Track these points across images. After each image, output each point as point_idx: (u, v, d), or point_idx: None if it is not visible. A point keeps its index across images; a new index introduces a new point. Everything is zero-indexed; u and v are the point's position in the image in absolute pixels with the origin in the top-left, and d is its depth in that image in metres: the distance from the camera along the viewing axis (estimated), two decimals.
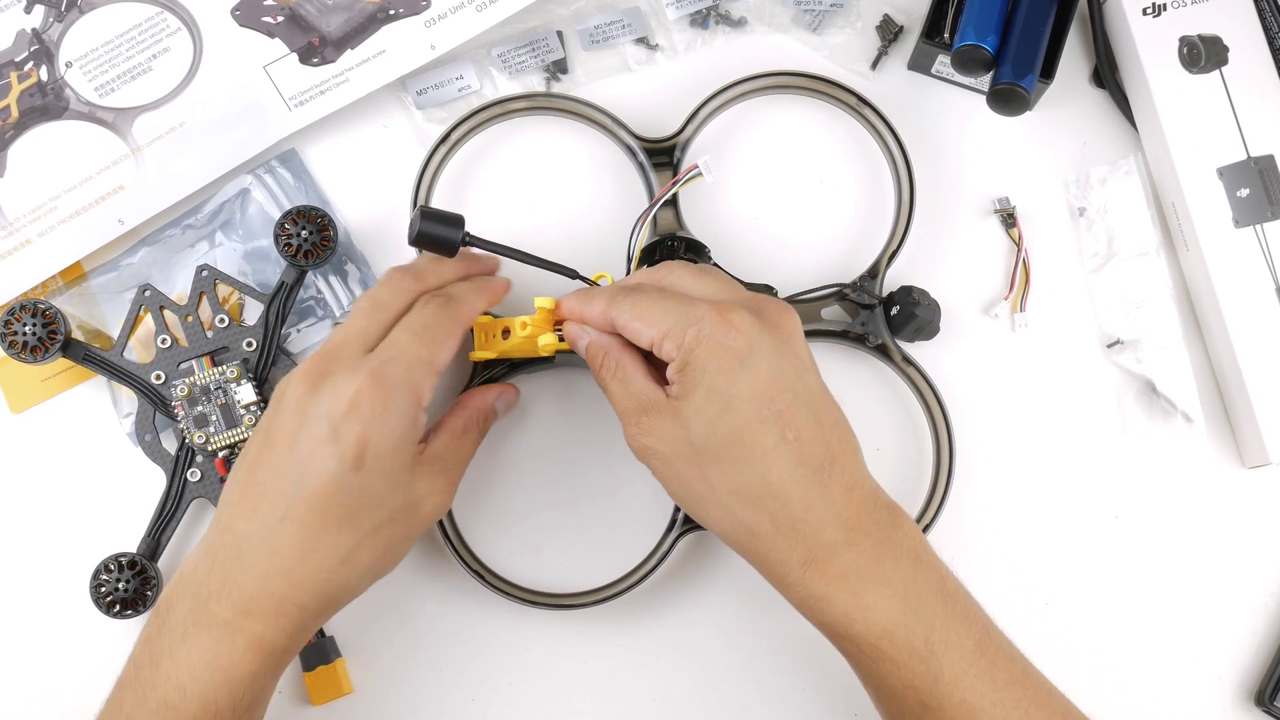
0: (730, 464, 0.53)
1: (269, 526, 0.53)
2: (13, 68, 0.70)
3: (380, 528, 0.55)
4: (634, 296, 0.56)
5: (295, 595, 0.53)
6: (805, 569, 0.53)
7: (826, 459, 0.53)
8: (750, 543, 0.54)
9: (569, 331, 0.60)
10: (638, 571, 0.64)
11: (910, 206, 0.67)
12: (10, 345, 0.64)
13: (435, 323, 0.57)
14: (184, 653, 0.53)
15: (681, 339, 0.53)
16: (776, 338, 0.54)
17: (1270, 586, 0.67)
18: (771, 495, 0.52)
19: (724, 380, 0.52)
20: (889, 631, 0.52)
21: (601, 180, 0.70)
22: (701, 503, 0.55)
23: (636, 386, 0.56)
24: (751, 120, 0.71)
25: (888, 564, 0.53)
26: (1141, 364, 0.68)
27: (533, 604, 0.63)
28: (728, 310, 0.53)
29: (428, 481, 0.56)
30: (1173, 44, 0.68)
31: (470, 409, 0.61)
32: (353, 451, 0.53)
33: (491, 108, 0.68)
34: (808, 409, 0.53)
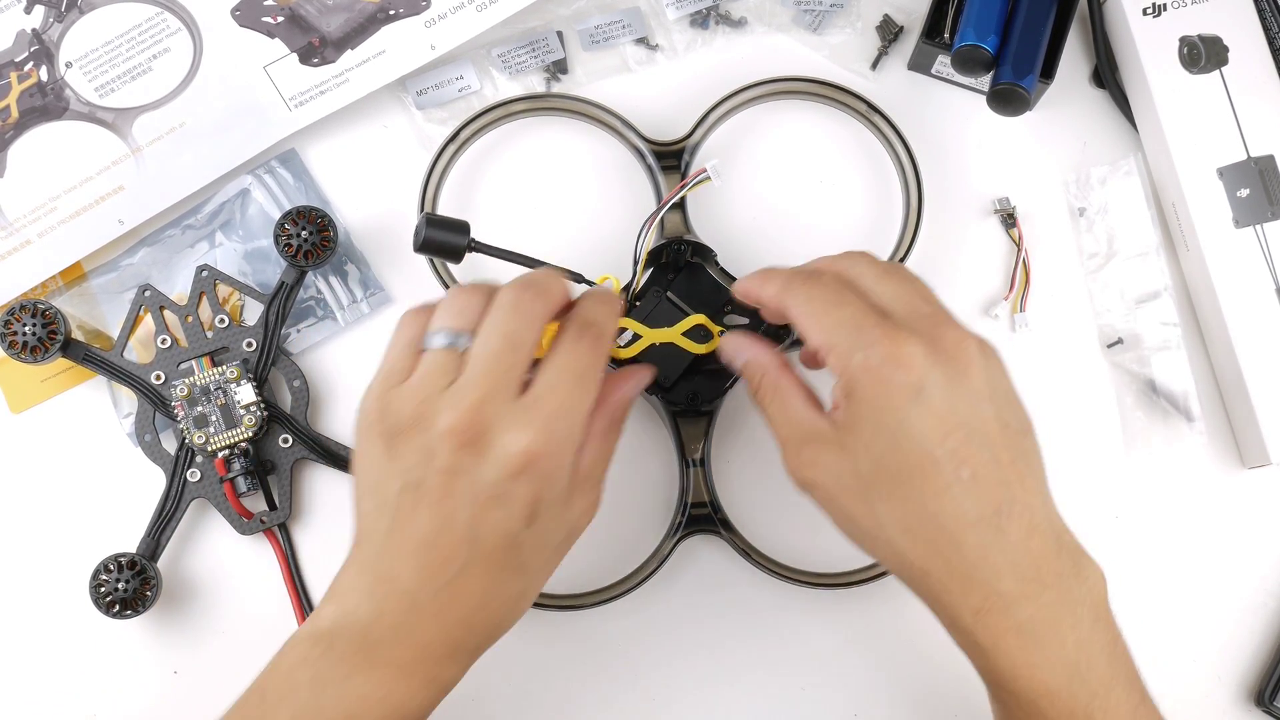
0: (900, 502, 0.50)
1: (444, 583, 0.51)
2: (13, 68, 0.70)
3: (548, 562, 0.54)
4: (810, 288, 0.53)
5: (472, 639, 0.53)
6: (976, 618, 0.50)
7: (1005, 500, 0.49)
8: (921, 583, 0.51)
9: (725, 347, 0.58)
10: (638, 575, 0.64)
11: (919, 213, 0.67)
12: (10, 345, 0.64)
13: (590, 363, 0.53)
14: (353, 686, 0.51)
15: (847, 361, 0.50)
16: (951, 370, 0.50)
17: (1270, 586, 0.67)
18: (944, 538, 0.49)
19: (891, 416, 0.49)
20: (1052, 693, 0.50)
21: (609, 182, 0.70)
22: (869, 539, 0.52)
23: (798, 414, 0.53)
24: (761, 124, 0.71)
25: (1065, 622, 0.50)
26: (1141, 364, 0.68)
27: (535, 605, 0.63)
28: (901, 340, 0.50)
29: (581, 502, 0.54)
30: (1173, 44, 0.68)
31: (612, 405, 0.56)
32: (526, 510, 0.51)
33: (499, 108, 0.68)
34: (984, 446, 0.50)
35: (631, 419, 0.67)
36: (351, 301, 0.69)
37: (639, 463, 0.67)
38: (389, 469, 0.52)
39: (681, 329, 0.64)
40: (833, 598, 0.66)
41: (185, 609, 0.66)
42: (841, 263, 0.55)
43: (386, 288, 0.69)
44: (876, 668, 0.65)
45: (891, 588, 0.65)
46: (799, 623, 0.66)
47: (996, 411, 0.51)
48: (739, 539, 0.64)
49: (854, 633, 0.66)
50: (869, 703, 0.65)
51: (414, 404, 0.52)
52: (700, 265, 0.66)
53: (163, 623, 0.66)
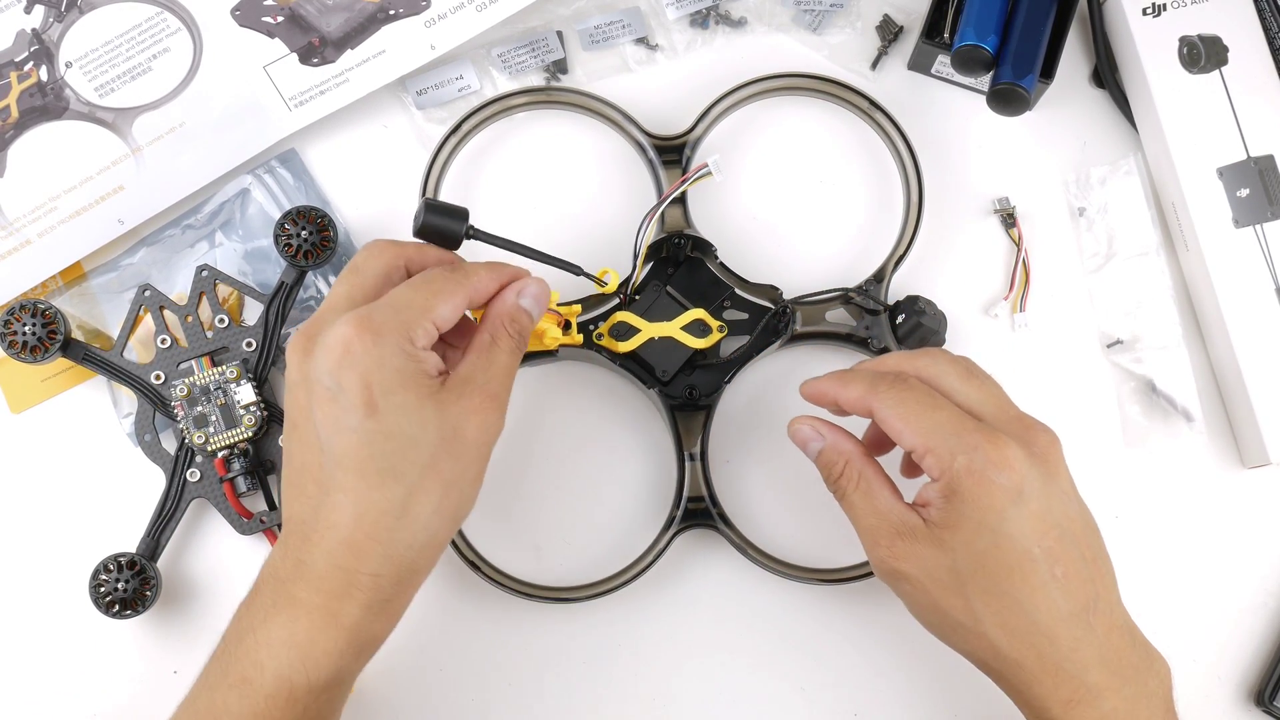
0: (998, 598, 0.52)
1: (318, 503, 0.52)
2: (13, 68, 0.70)
3: (427, 469, 0.52)
4: (901, 392, 0.54)
5: (363, 564, 0.52)
6: (1066, 709, 0.52)
7: (1092, 597, 0.53)
8: (1013, 675, 0.53)
9: (799, 432, 0.58)
10: (634, 568, 0.64)
11: (919, 212, 0.67)
12: (10, 345, 0.64)
13: (435, 276, 0.54)
14: (264, 631, 0.53)
15: (950, 463, 0.52)
16: (1045, 472, 0.53)
17: (1270, 586, 0.67)
18: (1040, 633, 0.52)
19: (994, 517, 0.51)
20: None
21: (609, 176, 0.70)
22: (960, 631, 0.54)
23: (886, 506, 0.54)
24: (762, 120, 0.71)
25: (1141, 714, 0.53)
26: (1141, 364, 0.68)
27: (528, 597, 0.63)
28: (1001, 444, 0.52)
29: (459, 404, 0.53)
30: (1173, 44, 0.68)
31: (491, 317, 0.56)
32: (360, 397, 0.51)
33: (501, 100, 0.68)
34: (1074, 545, 0.53)
35: (629, 412, 0.67)
36: None
37: (637, 456, 0.67)
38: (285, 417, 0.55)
39: (680, 323, 0.64)
40: (830, 593, 0.66)
41: (185, 609, 0.66)
42: (921, 362, 0.56)
43: None
44: (874, 663, 0.65)
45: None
46: (796, 618, 0.66)
47: (1079, 512, 0.54)
48: (736, 533, 0.64)
49: (851, 628, 0.66)
50: (867, 699, 0.65)
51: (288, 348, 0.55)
52: (700, 260, 0.66)
53: (163, 623, 0.66)
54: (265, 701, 0.52)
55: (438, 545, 0.54)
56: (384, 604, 0.53)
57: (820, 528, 0.66)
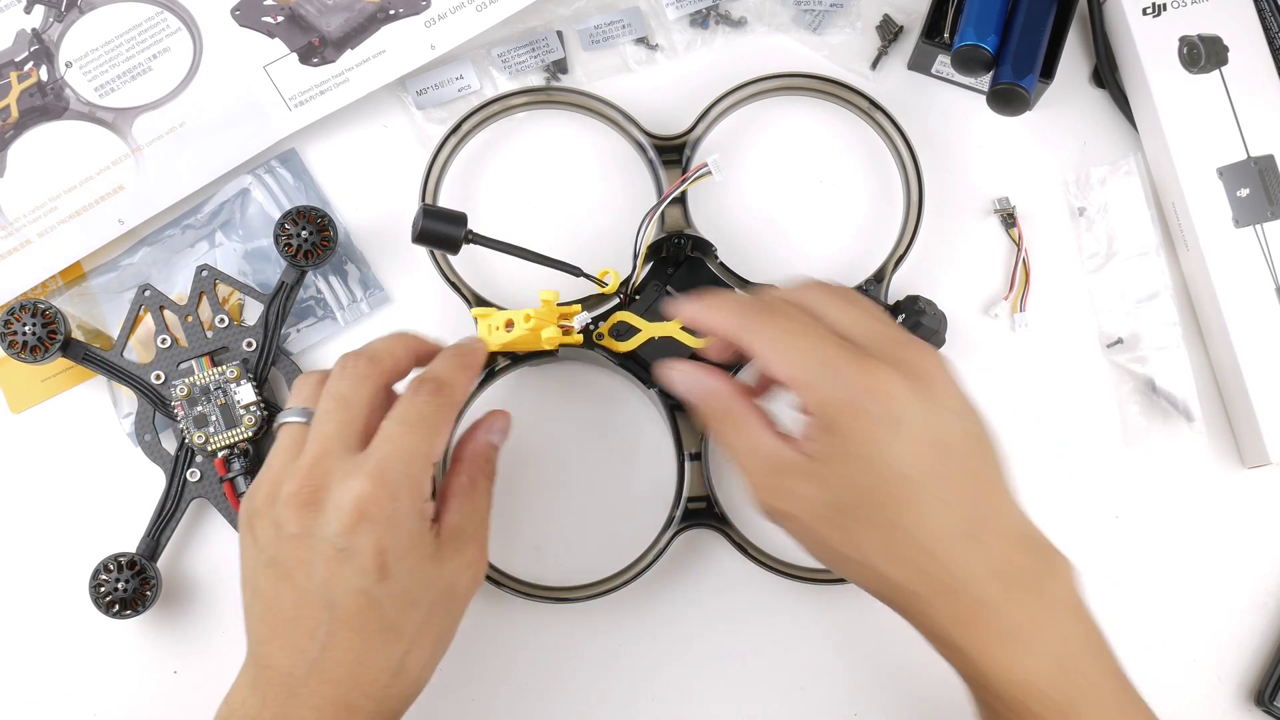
0: (880, 527, 0.50)
1: (314, 658, 0.51)
2: (13, 68, 0.70)
3: (423, 626, 0.53)
4: (774, 319, 0.53)
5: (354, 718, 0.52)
6: (961, 628, 0.51)
7: (979, 511, 0.51)
8: (907, 602, 0.52)
9: (678, 380, 0.57)
10: (636, 565, 0.64)
11: (919, 212, 0.67)
12: (10, 345, 0.64)
13: (428, 412, 0.54)
14: None
15: (822, 395, 0.50)
16: (923, 394, 0.51)
17: (1270, 586, 0.67)
18: (925, 556, 0.50)
19: (872, 448, 0.50)
20: (1038, 691, 0.50)
21: (609, 176, 0.70)
22: (847, 564, 0.52)
23: (763, 445, 0.53)
24: (762, 120, 0.71)
25: (1043, 620, 0.51)
26: (1141, 364, 0.68)
27: (529, 597, 0.63)
28: (875, 372, 0.50)
29: (454, 560, 0.54)
30: (1173, 44, 0.68)
31: (468, 460, 0.58)
32: (374, 562, 0.51)
33: (501, 100, 0.68)
34: (957, 461, 0.51)
35: (629, 412, 0.67)
36: (351, 301, 0.69)
37: (636, 456, 0.67)
38: (254, 553, 0.53)
39: (680, 323, 0.64)
40: (830, 593, 0.66)
41: (185, 609, 0.66)
42: (797, 291, 0.55)
43: (386, 287, 0.69)
44: (874, 663, 0.65)
45: None
46: (796, 618, 0.66)
47: (963, 425, 0.52)
48: (736, 533, 0.64)
49: (851, 628, 0.66)
50: (867, 699, 0.65)
51: (268, 485, 0.54)
52: (700, 260, 0.66)
53: (163, 623, 0.66)
54: None
55: (419, 691, 0.55)
56: None
57: None
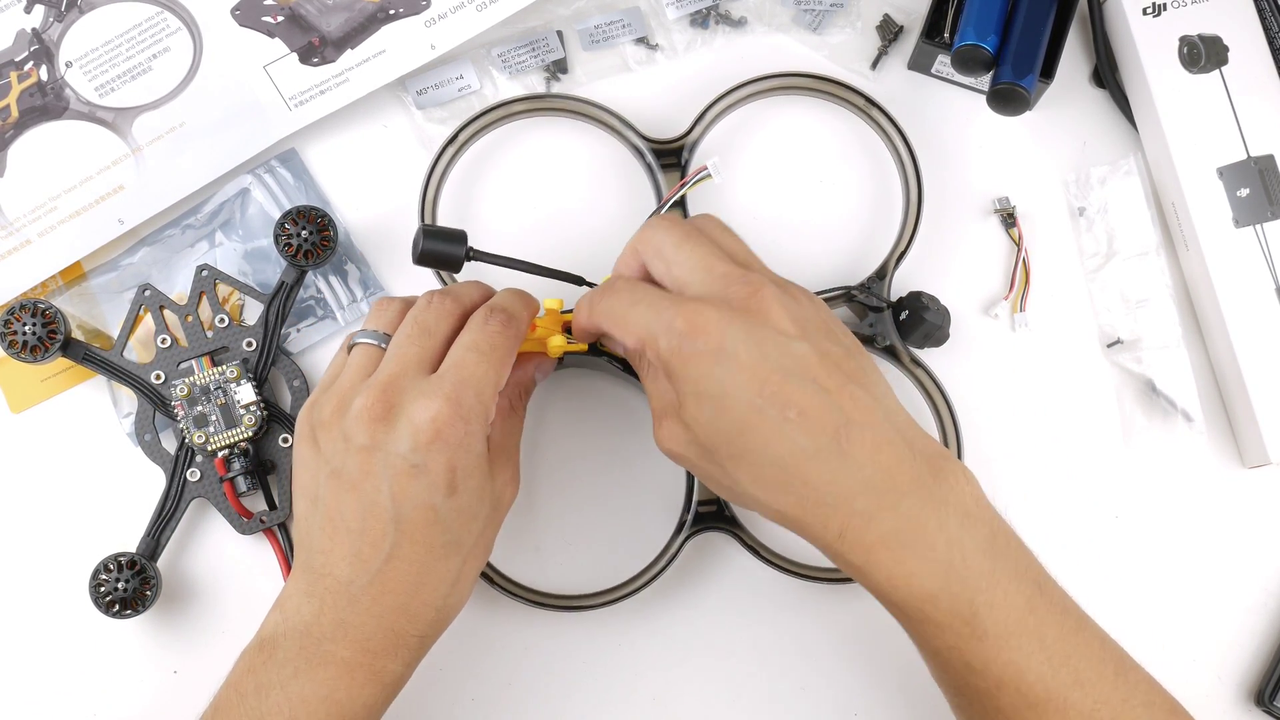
0: (742, 459, 0.51)
1: (377, 568, 0.53)
2: (13, 68, 0.70)
3: (479, 539, 0.56)
4: (607, 298, 0.56)
5: (413, 627, 0.54)
6: (843, 541, 0.51)
7: (840, 424, 0.50)
8: (792, 525, 0.52)
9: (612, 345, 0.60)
10: (645, 574, 0.64)
11: (918, 209, 0.67)
12: (10, 345, 0.64)
13: (499, 342, 0.56)
14: (296, 687, 0.52)
15: (657, 349, 0.53)
16: (749, 322, 0.51)
17: (1270, 586, 0.67)
18: (792, 477, 0.50)
19: (706, 383, 0.51)
20: (933, 596, 0.50)
21: (609, 181, 0.70)
22: (733, 495, 0.54)
23: (660, 390, 0.54)
24: (759, 121, 0.71)
25: (930, 525, 0.50)
26: (1141, 364, 0.68)
27: (539, 605, 0.63)
28: (692, 313, 0.52)
29: (501, 475, 0.57)
30: (1173, 44, 0.68)
31: (510, 385, 0.59)
32: (445, 479, 0.53)
33: (497, 109, 0.68)
34: (803, 381, 0.51)
35: (637, 417, 0.67)
36: (351, 301, 0.69)
37: (646, 461, 0.67)
38: (316, 463, 0.55)
39: None
40: (841, 594, 0.66)
41: (185, 609, 0.66)
42: (643, 239, 0.57)
43: (386, 287, 0.69)
44: (883, 666, 0.65)
45: None
46: (807, 618, 0.66)
47: (811, 345, 0.52)
48: (747, 535, 0.64)
49: (862, 630, 0.66)
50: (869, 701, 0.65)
51: (336, 399, 0.55)
52: None
53: (163, 623, 0.66)
54: None
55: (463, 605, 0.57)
56: (420, 658, 0.56)
57: None
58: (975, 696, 0.52)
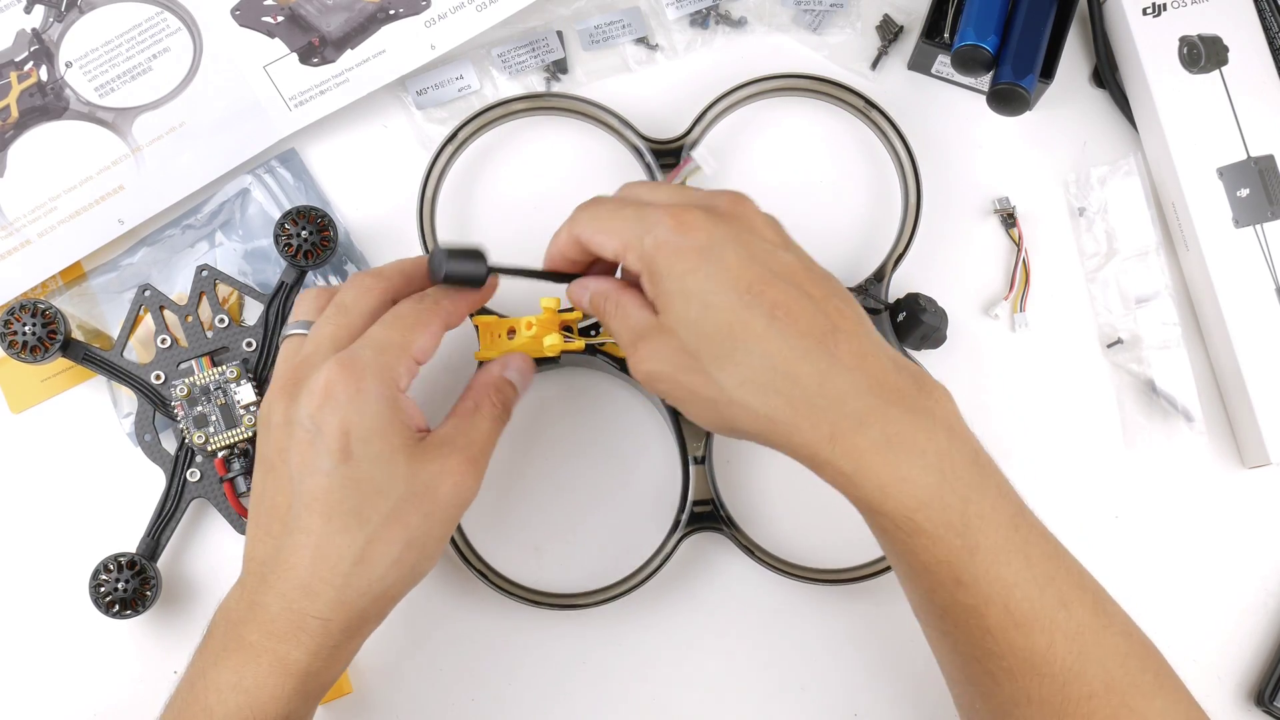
0: (729, 357, 0.50)
1: (280, 545, 0.52)
2: (13, 68, 0.70)
3: (391, 519, 0.52)
4: (592, 209, 0.55)
5: (314, 608, 0.52)
6: (833, 445, 0.50)
7: (828, 328, 0.50)
8: (773, 430, 0.51)
9: (572, 294, 0.58)
10: (640, 573, 0.64)
11: (917, 210, 0.67)
12: (10, 345, 0.64)
13: (405, 311, 0.55)
14: (214, 675, 0.52)
15: (641, 248, 0.52)
16: (736, 226, 0.52)
17: (1270, 586, 0.67)
18: (780, 375, 0.50)
19: (693, 279, 0.51)
20: (925, 504, 0.50)
21: (607, 181, 0.70)
22: (716, 407, 0.52)
23: (634, 318, 0.54)
24: (759, 122, 0.71)
25: (920, 434, 0.50)
26: (1141, 364, 0.68)
27: (535, 604, 0.63)
28: (680, 212, 0.52)
29: (436, 464, 0.53)
30: (1173, 44, 0.68)
31: (476, 386, 0.58)
32: (337, 442, 0.52)
33: (497, 108, 0.68)
34: (791, 284, 0.51)
35: (632, 417, 0.67)
36: None
37: (640, 461, 0.67)
38: (256, 461, 0.55)
39: None
40: (836, 594, 0.66)
41: (185, 609, 0.66)
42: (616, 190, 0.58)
43: None
44: (879, 666, 0.65)
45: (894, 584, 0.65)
46: (801, 618, 0.66)
47: (796, 256, 0.53)
48: (742, 536, 0.64)
49: (857, 630, 0.66)
50: (869, 701, 0.65)
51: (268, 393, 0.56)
52: None
53: (163, 623, 0.66)
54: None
55: (390, 598, 0.54)
56: (332, 650, 0.53)
57: (826, 528, 0.66)
58: (962, 615, 0.51)
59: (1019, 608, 0.50)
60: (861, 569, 0.64)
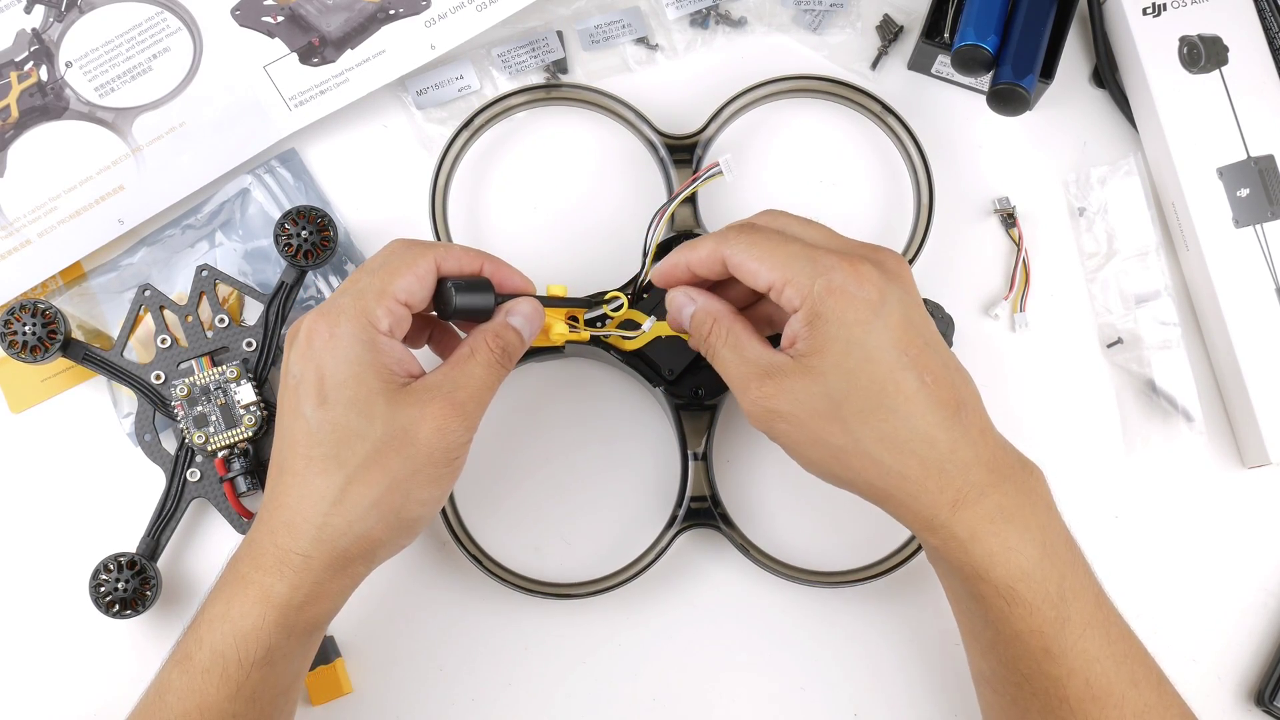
0: (874, 412, 0.52)
1: (274, 485, 0.55)
2: (13, 68, 0.70)
3: (369, 461, 0.53)
4: (751, 235, 0.56)
5: (295, 544, 0.53)
6: (955, 510, 0.52)
7: (960, 401, 0.53)
8: (900, 487, 0.53)
9: (674, 300, 0.59)
10: (638, 564, 0.64)
11: (929, 216, 0.67)
12: (10, 345, 0.64)
13: (392, 257, 0.56)
14: (208, 607, 0.54)
15: (809, 289, 0.53)
16: (901, 287, 0.54)
17: (1270, 586, 0.67)
18: (919, 438, 0.52)
19: (861, 330, 0.52)
20: (1027, 575, 0.52)
21: (620, 175, 0.70)
22: (843, 456, 0.54)
23: (753, 353, 0.55)
24: (773, 121, 0.71)
25: (1027, 509, 0.53)
26: (1141, 364, 0.68)
27: (531, 592, 0.63)
28: (856, 262, 0.53)
29: (416, 408, 0.53)
30: (1173, 44, 0.68)
31: (474, 333, 0.57)
32: (315, 388, 0.53)
33: (513, 96, 0.67)
34: (936, 353, 0.54)
35: (634, 410, 0.67)
36: None
37: (640, 455, 0.67)
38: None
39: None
40: (831, 594, 0.66)
41: (185, 609, 0.66)
42: (761, 217, 0.58)
43: None
44: (876, 666, 0.65)
45: (892, 586, 0.65)
46: (796, 618, 0.66)
47: (935, 327, 0.56)
48: (738, 534, 0.64)
49: (853, 631, 0.66)
50: (868, 702, 0.65)
51: None
52: None
53: (163, 623, 0.66)
54: (201, 677, 0.53)
55: (375, 540, 0.54)
56: (314, 586, 0.53)
57: (823, 530, 0.66)
58: (1044, 684, 0.53)
59: (1098, 682, 0.53)
60: (858, 571, 0.64)
